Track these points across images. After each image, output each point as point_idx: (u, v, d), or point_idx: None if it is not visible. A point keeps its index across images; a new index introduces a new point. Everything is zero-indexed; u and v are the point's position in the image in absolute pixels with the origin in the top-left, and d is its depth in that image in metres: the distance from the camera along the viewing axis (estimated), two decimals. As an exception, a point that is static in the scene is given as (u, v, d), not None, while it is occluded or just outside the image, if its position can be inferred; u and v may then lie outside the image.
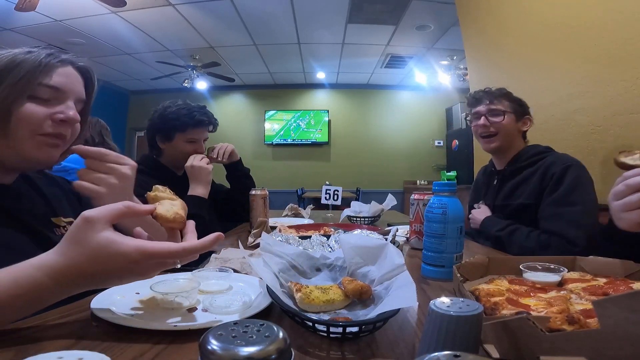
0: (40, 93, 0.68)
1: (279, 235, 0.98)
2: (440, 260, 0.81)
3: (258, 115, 7.30)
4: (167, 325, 0.51)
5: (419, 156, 7.14)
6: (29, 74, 0.66)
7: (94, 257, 0.47)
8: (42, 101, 0.68)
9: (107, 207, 0.50)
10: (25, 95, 0.66)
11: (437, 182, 0.84)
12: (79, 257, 0.47)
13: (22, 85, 0.66)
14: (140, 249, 0.48)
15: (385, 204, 1.68)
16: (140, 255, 0.48)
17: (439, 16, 4.17)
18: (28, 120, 0.66)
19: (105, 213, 0.49)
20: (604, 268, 0.71)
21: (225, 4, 4.00)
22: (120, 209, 0.51)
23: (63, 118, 0.69)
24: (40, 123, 0.68)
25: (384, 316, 0.49)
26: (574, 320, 0.41)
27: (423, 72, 6.17)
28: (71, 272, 0.47)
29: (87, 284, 0.50)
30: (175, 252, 0.50)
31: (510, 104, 1.45)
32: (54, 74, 0.69)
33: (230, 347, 0.27)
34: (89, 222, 0.48)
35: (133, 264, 0.48)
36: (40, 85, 0.68)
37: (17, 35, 4.41)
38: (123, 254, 0.47)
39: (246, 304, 0.59)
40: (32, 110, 0.67)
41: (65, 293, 0.50)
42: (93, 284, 0.50)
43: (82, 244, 0.47)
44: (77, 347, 0.46)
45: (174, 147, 1.52)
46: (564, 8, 1.85)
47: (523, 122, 1.47)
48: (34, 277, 0.46)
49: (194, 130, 1.51)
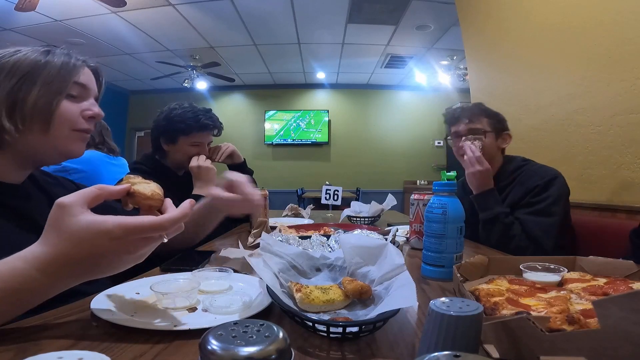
0: (73, 90, 0.73)
1: (279, 235, 0.98)
2: (440, 260, 0.81)
3: (258, 115, 7.30)
4: (167, 326, 0.51)
5: (419, 156, 7.14)
6: (63, 73, 0.70)
7: (77, 241, 0.47)
8: (73, 98, 0.73)
9: (80, 191, 0.50)
10: (64, 93, 0.71)
11: (437, 182, 0.84)
12: (63, 244, 0.47)
13: (59, 84, 0.70)
14: (121, 225, 0.47)
15: (385, 204, 1.68)
16: (121, 230, 0.47)
17: (439, 16, 4.17)
18: (67, 117, 0.71)
19: (78, 197, 0.49)
20: (604, 268, 0.71)
21: (225, 4, 4.00)
22: (93, 191, 0.50)
23: (92, 114, 0.75)
24: (75, 119, 0.73)
25: (384, 316, 0.49)
26: (574, 320, 0.41)
27: (423, 72, 6.17)
28: (58, 261, 0.47)
29: (78, 272, 0.49)
30: (157, 224, 0.49)
31: (489, 120, 1.42)
32: (81, 73, 0.74)
33: (230, 347, 0.27)
34: (64, 207, 0.47)
35: (116, 240, 0.47)
36: (74, 84, 0.72)
37: (17, 35, 4.41)
38: (104, 232, 0.47)
39: (246, 304, 0.59)
40: (69, 108, 0.72)
41: (58, 285, 0.49)
42: (84, 271, 0.49)
43: (62, 229, 0.47)
44: (77, 347, 0.46)
45: (178, 150, 1.52)
46: (564, 8, 1.85)
47: (502, 138, 1.43)
48: (19, 269, 0.46)
49: (198, 134, 1.51)
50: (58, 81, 0.69)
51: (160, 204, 0.56)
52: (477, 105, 1.48)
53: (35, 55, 0.70)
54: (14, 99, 0.66)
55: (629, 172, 1.52)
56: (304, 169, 7.26)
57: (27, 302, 0.48)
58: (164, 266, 0.86)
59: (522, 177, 1.36)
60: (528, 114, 2.15)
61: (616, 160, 1.58)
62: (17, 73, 0.67)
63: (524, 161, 1.43)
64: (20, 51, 0.70)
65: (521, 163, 1.41)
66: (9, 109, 0.66)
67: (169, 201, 0.57)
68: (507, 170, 1.41)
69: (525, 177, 1.35)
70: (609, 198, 1.61)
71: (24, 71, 0.67)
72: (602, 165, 1.65)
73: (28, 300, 0.48)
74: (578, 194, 1.77)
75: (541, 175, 1.32)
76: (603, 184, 1.65)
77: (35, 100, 0.67)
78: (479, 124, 1.41)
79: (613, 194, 1.60)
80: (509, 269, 0.75)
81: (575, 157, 1.79)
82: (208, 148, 1.59)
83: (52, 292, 0.49)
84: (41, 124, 0.68)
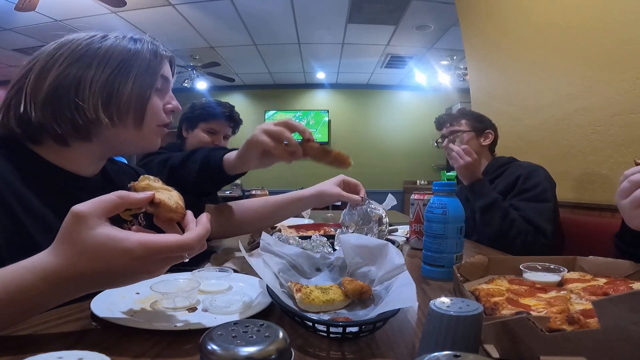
0: (159, 84, 0.70)
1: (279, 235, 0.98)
2: (440, 260, 0.81)
3: (258, 116, 7.29)
4: (167, 325, 0.51)
5: (419, 156, 7.14)
6: (153, 65, 0.68)
7: (92, 256, 0.42)
8: (158, 91, 0.71)
9: (99, 199, 0.44)
10: (154, 87, 0.68)
11: (437, 182, 0.84)
12: (75, 257, 0.42)
13: (150, 76, 0.67)
14: (144, 244, 0.42)
15: (385, 204, 1.68)
16: (144, 250, 0.42)
17: (439, 16, 4.17)
18: (154, 112, 0.69)
19: (97, 206, 0.43)
20: (604, 268, 0.71)
21: (225, 4, 4.00)
22: (113, 200, 0.45)
23: (172, 108, 0.73)
24: (160, 114, 0.71)
25: (384, 316, 0.49)
26: (574, 320, 0.41)
27: (423, 72, 6.17)
28: (68, 274, 0.42)
29: (89, 285, 0.46)
30: (186, 244, 0.44)
31: (468, 121, 1.58)
32: (165, 65, 0.72)
33: (230, 347, 0.26)
34: (80, 218, 0.42)
35: (137, 261, 0.43)
36: (161, 77, 0.70)
37: (17, 35, 4.41)
38: (124, 251, 0.42)
39: (246, 304, 0.59)
40: (156, 102, 0.69)
41: (65, 296, 0.46)
42: (96, 285, 0.46)
43: (77, 242, 0.42)
44: (77, 347, 0.45)
45: (195, 136, 1.60)
46: (564, 8, 1.85)
47: (485, 136, 1.59)
48: (25, 280, 0.42)
49: (215, 122, 1.60)
50: (149, 74, 0.67)
51: (182, 217, 0.50)
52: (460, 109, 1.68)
53: (125, 44, 0.67)
54: (110, 91, 0.63)
55: (629, 172, 1.52)
56: (304, 169, 7.24)
57: (31, 311, 0.46)
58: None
59: (506, 172, 1.48)
60: (528, 113, 2.15)
61: (616, 160, 1.57)
62: (111, 62, 0.64)
63: (510, 159, 1.57)
64: (109, 37, 0.67)
65: (507, 160, 1.55)
66: (105, 101, 0.63)
67: (190, 215, 0.51)
68: (494, 167, 1.55)
69: (509, 172, 1.47)
70: (609, 198, 1.61)
71: (117, 60, 0.64)
72: (602, 165, 1.65)
73: (32, 309, 0.45)
74: (578, 193, 1.77)
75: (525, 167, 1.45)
76: (603, 184, 1.65)
77: (129, 94, 0.64)
78: (457, 126, 1.59)
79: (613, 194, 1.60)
80: (509, 269, 0.75)
81: (575, 157, 1.79)
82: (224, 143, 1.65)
83: (59, 302, 0.46)
84: (135, 119, 0.66)
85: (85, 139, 0.66)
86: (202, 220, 0.49)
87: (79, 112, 0.62)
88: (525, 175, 1.40)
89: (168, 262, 0.47)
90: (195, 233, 0.46)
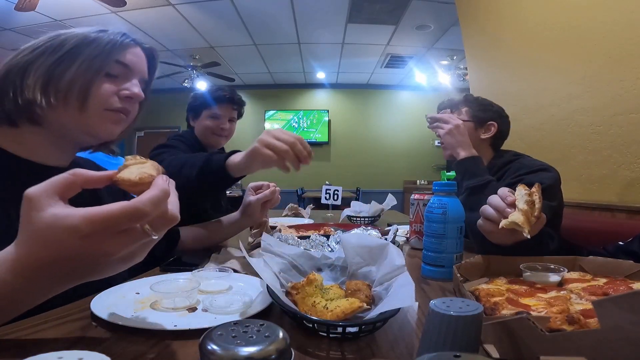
0: (113, 70, 0.71)
1: (278, 235, 0.98)
2: (440, 260, 0.81)
3: (258, 115, 7.30)
4: (167, 325, 0.51)
5: (419, 156, 7.14)
6: (106, 50, 0.69)
7: (43, 241, 0.39)
8: (113, 77, 0.71)
9: (52, 178, 0.40)
10: (103, 71, 0.69)
11: (437, 182, 0.84)
12: (30, 244, 0.39)
13: (99, 62, 0.68)
14: (87, 217, 0.38)
15: (385, 204, 1.68)
16: (89, 224, 0.37)
17: (439, 16, 4.18)
18: (101, 96, 0.69)
19: (47, 186, 0.39)
20: (604, 268, 0.71)
21: (225, 4, 4.00)
22: (65, 178, 0.41)
23: (129, 94, 0.73)
24: (108, 99, 0.70)
25: (383, 316, 0.49)
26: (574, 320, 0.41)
27: (423, 72, 6.17)
28: (29, 263, 0.39)
29: (58, 277, 0.42)
30: (132, 208, 0.38)
31: (470, 110, 1.35)
32: (127, 53, 0.72)
33: (230, 347, 0.27)
34: (29, 200, 0.39)
35: (87, 239, 0.38)
36: (115, 63, 0.71)
37: (17, 35, 4.41)
38: (70, 229, 0.37)
39: (246, 304, 0.59)
40: (105, 86, 0.70)
41: (40, 291, 0.42)
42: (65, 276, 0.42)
43: (28, 227, 0.39)
44: (77, 347, 0.45)
45: (200, 124, 1.62)
46: (564, 8, 1.85)
47: (485, 128, 1.34)
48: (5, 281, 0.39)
49: (217, 106, 1.60)
50: (99, 59, 0.68)
51: None
52: (466, 95, 1.44)
53: (86, 33, 0.69)
54: (51, 73, 0.65)
55: (629, 172, 1.52)
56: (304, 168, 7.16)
57: (8, 309, 0.42)
58: (164, 266, 0.86)
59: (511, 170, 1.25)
60: (528, 113, 2.15)
61: (616, 160, 1.58)
62: (62, 49, 0.66)
63: (516, 155, 1.33)
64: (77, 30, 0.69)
65: (512, 157, 1.31)
66: (45, 82, 0.65)
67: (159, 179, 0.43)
68: (497, 164, 1.31)
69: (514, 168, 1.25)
70: (608, 198, 1.61)
71: (69, 47, 0.67)
72: (602, 165, 1.65)
73: (8, 306, 0.42)
74: (578, 194, 1.77)
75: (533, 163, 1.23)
76: (603, 184, 1.65)
77: (72, 77, 0.66)
78: (457, 114, 1.36)
79: (613, 194, 1.60)
80: (509, 269, 0.74)
81: (575, 156, 1.79)
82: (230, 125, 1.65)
83: (35, 298, 0.43)
84: (77, 101, 0.67)
85: (31, 121, 0.67)
86: (156, 182, 0.42)
87: (21, 93, 0.65)
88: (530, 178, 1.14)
89: (128, 238, 0.40)
90: (147, 196, 0.39)
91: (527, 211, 0.70)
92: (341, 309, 0.51)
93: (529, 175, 1.16)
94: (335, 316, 0.50)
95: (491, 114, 1.36)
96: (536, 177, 1.14)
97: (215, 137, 1.63)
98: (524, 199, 0.71)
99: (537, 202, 0.72)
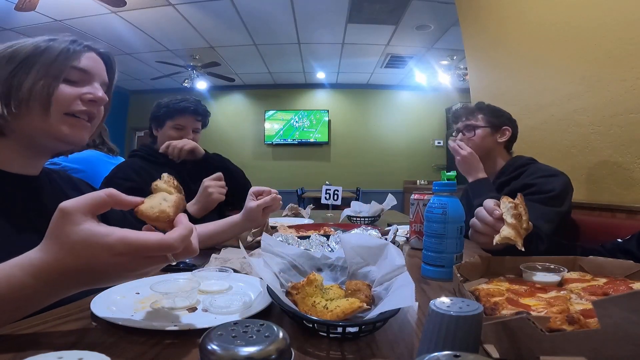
0: (71, 76, 0.72)
1: (278, 235, 0.98)
2: (440, 260, 0.81)
3: (258, 115, 7.30)
4: (167, 325, 0.51)
5: (419, 156, 7.14)
6: (60, 58, 0.70)
7: (75, 252, 0.43)
8: (72, 83, 0.73)
9: (87, 196, 0.45)
10: (62, 77, 0.70)
11: (437, 182, 0.84)
12: (60, 253, 0.43)
13: (56, 69, 0.69)
14: (125, 241, 0.43)
15: (385, 204, 1.68)
16: (125, 247, 0.43)
17: (439, 16, 4.18)
18: (61, 101, 0.70)
19: (83, 203, 0.44)
20: (603, 268, 0.71)
21: (225, 4, 4.00)
22: (101, 197, 0.46)
23: (92, 98, 0.74)
24: (70, 103, 0.72)
25: (383, 316, 0.49)
26: (574, 320, 0.41)
27: (423, 72, 6.17)
28: (54, 270, 0.43)
29: (76, 283, 0.46)
30: (166, 244, 0.44)
31: (485, 116, 1.48)
32: (82, 58, 0.74)
33: (230, 347, 0.27)
34: (65, 214, 0.43)
35: (119, 257, 0.43)
36: (72, 69, 0.72)
37: (17, 35, 4.41)
38: (106, 247, 0.43)
39: (246, 304, 0.59)
40: (65, 91, 0.71)
41: (55, 293, 0.46)
42: (82, 282, 0.46)
43: (61, 238, 0.43)
44: (77, 347, 0.45)
45: (163, 134, 1.57)
46: (564, 8, 1.85)
47: (501, 133, 1.48)
48: (15, 276, 0.43)
49: (180, 118, 1.56)
50: (55, 66, 0.69)
51: (168, 226, 0.49)
52: (478, 103, 1.55)
53: (36, 42, 0.70)
54: (9, 85, 0.66)
55: (629, 172, 1.52)
56: (304, 168, 7.26)
57: (23, 308, 0.46)
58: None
59: (525, 174, 1.37)
60: (528, 113, 2.15)
61: (616, 160, 1.57)
62: (16, 60, 0.67)
63: (531, 160, 1.44)
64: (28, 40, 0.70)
65: (528, 160, 1.43)
66: (5, 95, 0.66)
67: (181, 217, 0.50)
68: (513, 164, 1.44)
69: (528, 172, 1.36)
70: (609, 198, 1.61)
71: (22, 57, 0.68)
72: (602, 165, 1.65)
73: (24, 307, 0.46)
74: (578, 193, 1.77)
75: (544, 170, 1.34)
76: (603, 184, 1.65)
77: (30, 86, 0.67)
78: (473, 120, 1.49)
79: (613, 194, 1.60)
80: (509, 269, 0.74)
81: (575, 157, 1.79)
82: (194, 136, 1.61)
83: (49, 300, 0.47)
84: (38, 109, 0.68)
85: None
86: (182, 220, 0.49)
87: None
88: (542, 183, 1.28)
89: (152, 262, 0.46)
90: (177, 233, 0.46)
91: (516, 225, 0.72)
92: (341, 309, 0.51)
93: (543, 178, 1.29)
94: (335, 316, 0.50)
95: (504, 120, 1.51)
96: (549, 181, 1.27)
97: None
98: (510, 212, 0.74)
99: (524, 214, 0.74)
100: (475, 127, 1.47)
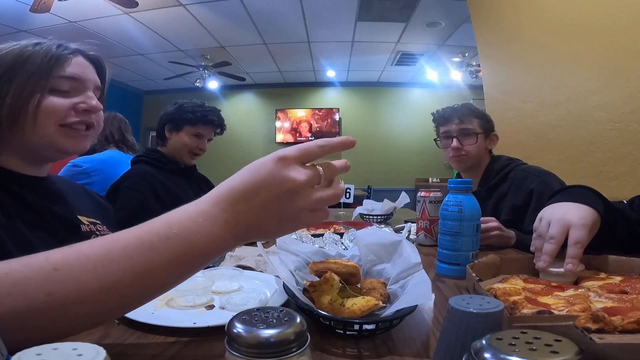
0: (60, 85, 0.69)
1: (292, 234, 0.99)
2: (455, 258, 0.80)
3: (269, 114, 7.32)
4: (186, 323, 0.52)
5: (431, 154, 7.06)
6: (42, 67, 0.67)
7: (266, 182, 0.42)
8: (63, 93, 0.69)
9: (304, 147, 0.46)
10: (46, 89, 0.67)
11: (452, 180, 0.84)
12: (254, 181, 0.42)
13: (38, 79, 0.66)
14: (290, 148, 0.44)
15: (399, 202, 1.68)
16: (308, 178, 0.43)
17: (450, 13, 4.12)
18: (52, 113, 0.67)
19: (298, 152, 0.45)
20: (616, 266, 0.70)
21: (234, 4, 4.02)
22: (314, 149, 0.46)
23: (86, 108, 0.71)
24: (63, 115, 0.69)
25: (400, 314, 0.49)
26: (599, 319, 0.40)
27: (434, 70, 6.11)
28: (242, 195, 0.42)
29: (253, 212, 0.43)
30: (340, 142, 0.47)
31: (480, 121, 1.42)
32: (68, 65, 0.70)
33: (253, 330, 0.29)
34: (281, 159, 0.43)
35: (280, 162, 0.43)
36: (59, 78, 0.68)
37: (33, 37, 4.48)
38: (291, 179, 0.43)
39: (262, 302, 0.60)
40: (55, 103, 0.68)
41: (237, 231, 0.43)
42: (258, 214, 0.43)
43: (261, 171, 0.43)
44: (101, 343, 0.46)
45: (179, 138, 1.59)
46: (580, 3, 1.81)
47: (490, 139, 1.44)
48: (208, 213, 0.42)
49: (203, 127, 1.59)
50: (38, 77, 0.66)
51: None
52: (466, 105, 1.48)
53: (21, 48, 0.67)
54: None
55: (648, 169, 1.49)
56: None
57: (202, 262, 0.46)
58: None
59: (515, 179, 1.31)
60: (544, 110, 2.11)
61: (635, 157, 1.54)
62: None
63: (509, 160, 1.42)
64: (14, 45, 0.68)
65: (507, 162, 1.40)
66: None
67: None
68: (494, 169, 1.40)
69: (519, 178, 1.30)
70: (628, 195, 1.58)
71: (4, 70, 0.65)
72: (621, 162, 1.61)
73: (203, 260, 0.45)
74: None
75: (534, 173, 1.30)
76: (622, 181, 1.62)
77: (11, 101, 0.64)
78: (470, 125, 1.40)
79: (632, 191, 1.56)
80: (521, 269, 0.74)
81: (594, 153, 1.76)
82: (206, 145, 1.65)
83: (233, 241, 0.44)
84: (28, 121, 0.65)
85: None
86: None
87: None
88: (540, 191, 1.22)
89: (308, 170, 0.45)
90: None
91: None
92: (358, 306, 0.51)
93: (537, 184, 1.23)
94: (352, 314, 0.50)
95: (492, 125, 1.45)
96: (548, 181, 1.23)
97: (190, 156, 1.62)
98: None
99: None
100: (476, 133, 1.39)
